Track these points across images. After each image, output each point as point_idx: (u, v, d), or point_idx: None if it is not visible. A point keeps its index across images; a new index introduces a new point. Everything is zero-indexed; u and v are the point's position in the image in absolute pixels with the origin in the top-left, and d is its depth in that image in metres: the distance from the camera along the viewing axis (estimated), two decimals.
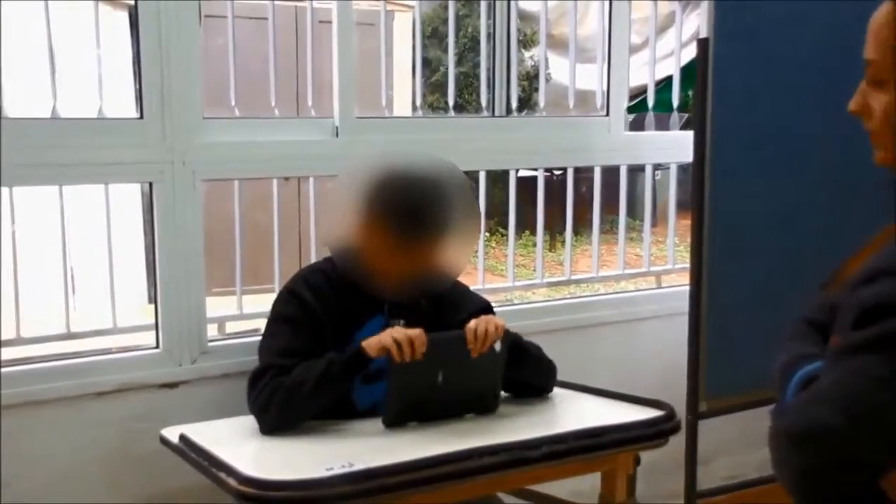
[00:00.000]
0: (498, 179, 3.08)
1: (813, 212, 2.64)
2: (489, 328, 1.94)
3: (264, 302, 2.71)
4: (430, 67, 7.64)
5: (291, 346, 2.01)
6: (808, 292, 2.78)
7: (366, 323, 2.06)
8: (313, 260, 2.44)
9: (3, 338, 2.27)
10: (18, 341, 2.26)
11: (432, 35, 8.03)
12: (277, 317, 2.09)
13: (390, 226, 1.95)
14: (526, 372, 2.13)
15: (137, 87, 2.22)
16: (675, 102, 3.08)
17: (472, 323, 1.96)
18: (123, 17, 4.97)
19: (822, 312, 1.29)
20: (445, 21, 7.75)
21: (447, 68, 2.83)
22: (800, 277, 2.62)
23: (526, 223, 3.97)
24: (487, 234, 2.56)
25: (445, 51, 3.30)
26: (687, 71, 3.18)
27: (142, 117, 2.22)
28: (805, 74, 2.55)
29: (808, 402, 1.10)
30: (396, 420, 1.97)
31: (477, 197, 2.07)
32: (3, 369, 2.16)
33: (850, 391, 1.05)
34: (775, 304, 2.61)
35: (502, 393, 2.11)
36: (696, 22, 3.69)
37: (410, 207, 1.96)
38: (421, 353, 1.90)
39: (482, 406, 2.06)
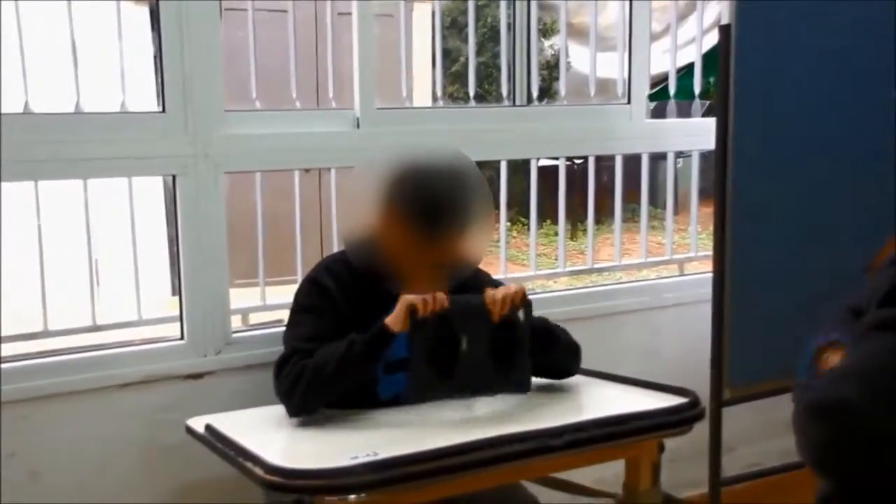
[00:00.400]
0: (518, 169, 3.07)
1: (836, 199, 2.62)
2: (508, 291, 1.95)
3: (287, 293, 2.72)
4: (448, 58, 7.62)
5: (315, 333, 2.02)
6: (832, 279, 2.78)
7: (389, 311, 2.06)
8: (336, 250, 2.44)
9: (31, 330, 2.30)
10: (45, 334, 2.29)
11: (451, 26, 8.02)
12: (300, 306, 2.10)
13: (413, 222, 1.94)
14: (554, 355, 2.13)
15: (159, 80, 2.24)
16: (697, 89, 3.07)
17: (491, 290, 1.97)
18: (144, 12, 5.00)
19: (860, 298, 1.28)
20: (463, 12, 7.72)
21: (466, 59, 2.82)
22: (823, 264, 2.62)
23: (546, 212, 3.97)
24: (509, 223, 2.55)
25: (464, 41, 3.29)
26: (708, 58, 3.16)
27: (164, 111, 2.24)
28: (828, 61, 2.54)
29: (832, 379, 1.10)
30: (421, 390, 1.96)
31: (489, 189, 2.07)
32: (31, 361, 2.19)
33: (872, 366, 1.06)
34: (798, 292, 2.60)
35: None
36: (717, 8, 3.66)
37: (434, 203, 1.95)
38: (443, 305, 1.90)
39: (513, 382, 2.04)
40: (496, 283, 2.23)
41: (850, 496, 1.12)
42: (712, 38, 3.53)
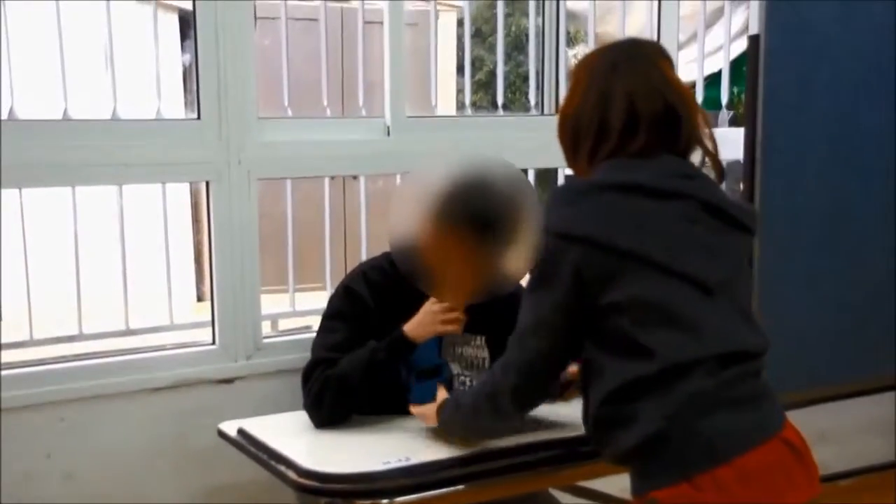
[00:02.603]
0: (541, 179, 3.07)
1: (866, 208, 2.61)
2: None
3: (314, 300, 2.75)
4: (473, 67, 7.63)
5: (343, 342, 2.02)
6: (862, 288, 2.76)
7: None
8: (363, 258, 2.45)
9: (65, 334, 2.34)
10: (80, 337, 2.32)
11: (475, 35, 8.04)
12: (333, 313, 2.10)
13: (462, 236, 1.89)
14: None
15: (195, 88, 2.26)
16: (724, 99, 3.07)
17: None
18: (168, 19, 5.04)
19: None
20: (487, 20, 7.73)
21: (489, 68, 2.84)
22: (853, 273, 2.61)
23: None
24: None
25: (487, 50, 3.30)
26: (734, 66, 3.16)
27: (199, 118, 2.27)
28: (859, 69, 2.53)
29: (518, 338, 1.60)
30: None
31: (539, 202, 2.03)
32: (68, 364, 2.22)
33: (534, 318, 1.58)
34: (827, 301, 2.59)
35: None
36: (744, 15, 3.66)
37: (484, 220, 1.89)
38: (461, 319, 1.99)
39: None
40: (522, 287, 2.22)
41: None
42: (738, 46, 3.53)
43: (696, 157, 1.68)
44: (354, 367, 1.97)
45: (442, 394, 1.89)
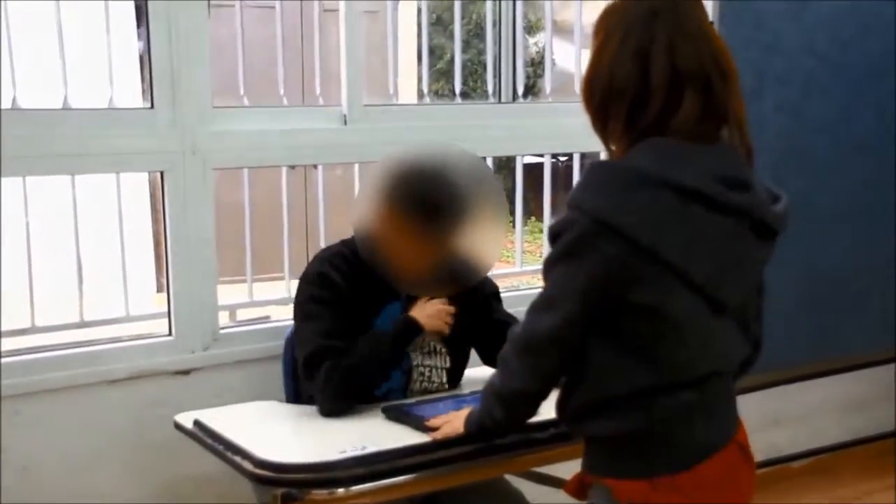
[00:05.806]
0: (502, 167, 3.09)
1: (816, 199, 2.65)
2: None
3: (272, 290, 2.74)
4: (433, 55, 7.60)
5: (333, 327, 2.01)
6: (819, 276, 2.79)
7: (383, 308, 2.07)
8: (322, 246, 2.44)
9: (18, 327, 2.30)
10: (33, 330, 2.29)
11: (436, 23, 8.02)
12: (311, 298, 2.06)
13: (414, 223, 1.92)
14: None
15: (148, 76, 2.24)
16: None
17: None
18: (125, 6, 4.96)
19: None
20: (448, 9, 7.71)
21: (450, 56, 2.83)
22: (807, 263, 2.65)
23: (530, 210, 3.99)
24: None
25: (449, 38, 3.28)
26: None
27: (152, 107, 2.24)
28: (809, 63, 2.57)
29: (530, 313, 1.49)
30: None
31: (503, 193, 2.05)
32: (22, 357, 2.20)
33: (551, 294, 1.45)
34: (784, 288, 2.63)
35: None
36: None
37: (434, 205, 1.92)
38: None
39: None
40: (485, 280, 2.23)
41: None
42: None
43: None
44: (367, 362, 1.99)
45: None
